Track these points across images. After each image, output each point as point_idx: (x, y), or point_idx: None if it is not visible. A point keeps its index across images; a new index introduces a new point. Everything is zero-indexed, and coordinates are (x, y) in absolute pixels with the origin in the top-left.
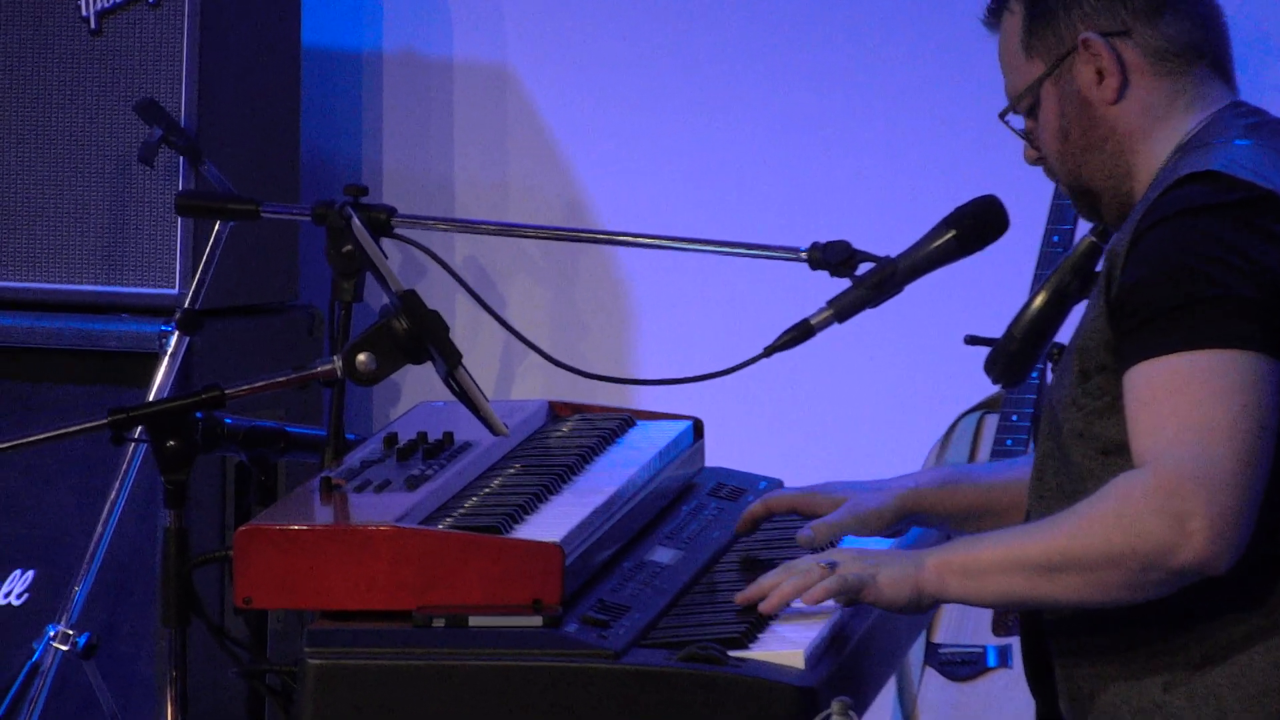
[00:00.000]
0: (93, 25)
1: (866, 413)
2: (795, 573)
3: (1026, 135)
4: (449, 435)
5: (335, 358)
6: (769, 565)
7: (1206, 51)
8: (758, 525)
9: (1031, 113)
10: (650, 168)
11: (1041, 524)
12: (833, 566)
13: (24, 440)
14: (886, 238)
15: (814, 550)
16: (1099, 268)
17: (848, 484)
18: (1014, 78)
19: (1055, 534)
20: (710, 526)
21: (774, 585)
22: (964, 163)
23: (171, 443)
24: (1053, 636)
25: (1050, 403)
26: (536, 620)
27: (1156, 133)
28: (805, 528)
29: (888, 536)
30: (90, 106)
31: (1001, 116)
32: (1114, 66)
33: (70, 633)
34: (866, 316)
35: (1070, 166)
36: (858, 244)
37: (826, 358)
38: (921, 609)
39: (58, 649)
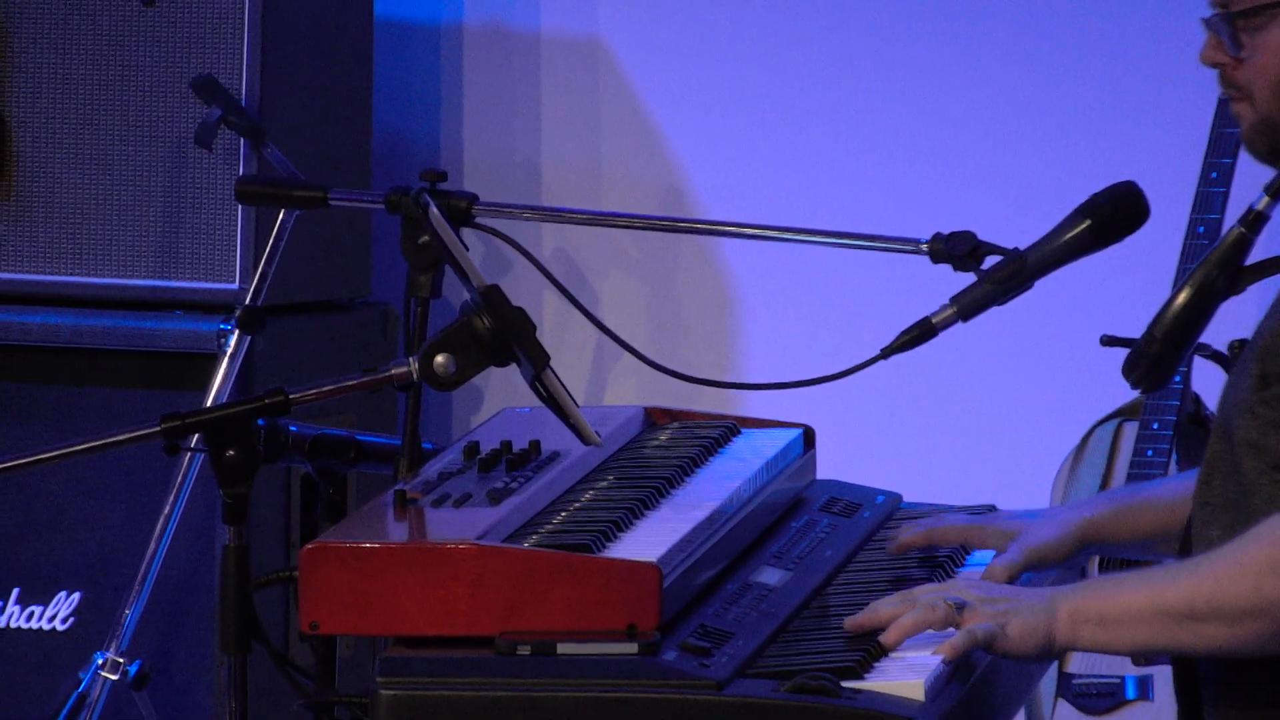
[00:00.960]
0: None
1: (992, 420)
2: (919, 606)
3: (1227, 42)
4: (535, 444)
5: (411, 359)
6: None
7: None
8: (894, 582)
9: (1248, 28)
10: (756, 151)
11: (1184, 566)
12: (960, 607)
13: (69, 449)
14: (1015, 230)
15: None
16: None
17: (1013, 515)
18: None
19: (1200, 580)
20: (822, 545)
21: (892, 615)
22: (1099, 148)
23: (231, 452)
24: (1207, 682)
25: (1224, 401)
26: (632, 647)
27: None
28: (984, 573)
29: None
30: (142, 85)
31: (1215, 24)
32: None
33: (120, 661)
34: (993, 315)
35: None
36: (983, 235)
37: (949, 360)
38: (1051, 658)
39: (106, 678)
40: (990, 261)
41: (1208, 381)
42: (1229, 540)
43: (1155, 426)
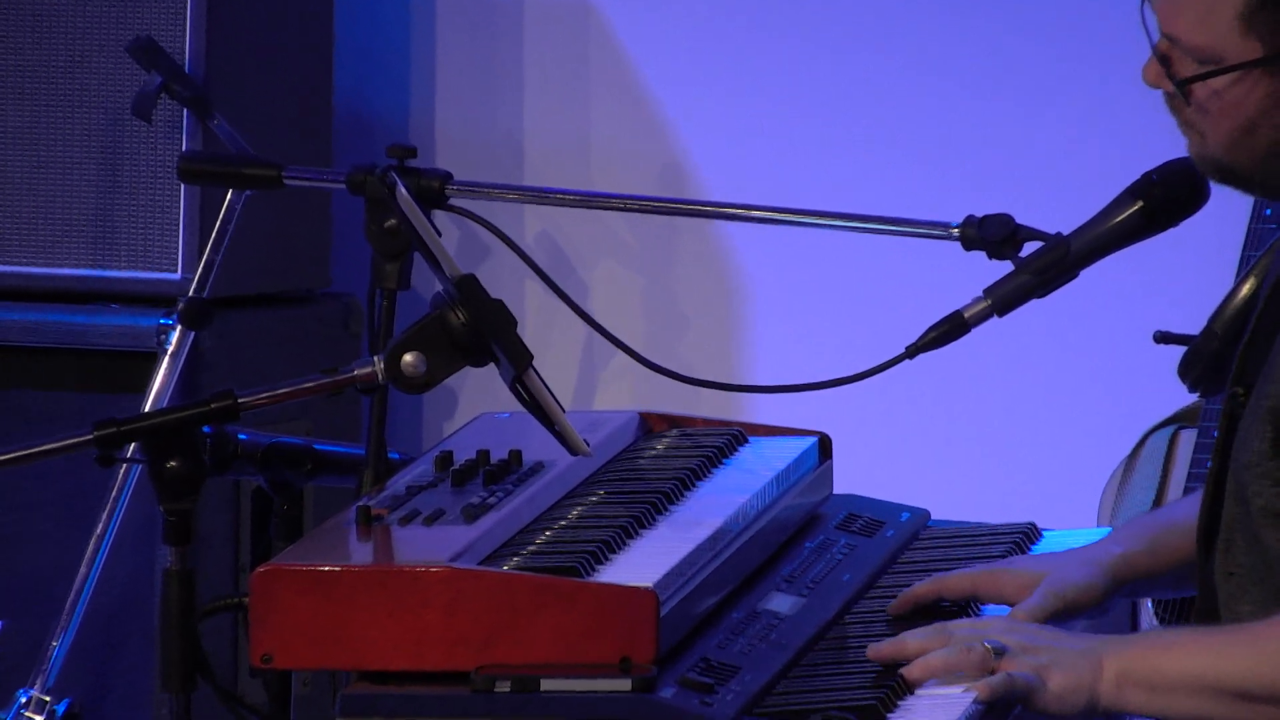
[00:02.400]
0: None
1: (1031, 427)
2: (952, 643)
3: (1171, 70)
4: (516, 455)
5: (376, 359)
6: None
7: None
8: (918, 610)
9: (1206, 75)
10: (765, 125)
11: (1239, 639)
12: (999, 652)
13: None
14: (1055, 215)
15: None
16: None
17: (1034, 558)
18: (1208, 34)
19: (1257, 659)
20: (840, 567)
21: (921, 649)
22: (1150, 122)
23: (173, 463)
24: None
25: (1235, 464)
26: (625, 683)
27: None
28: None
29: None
30: (71, 48)
31: (1161, 60)
32: None
33: (47, 700)
34: (1032, 309)
35: (1235, 155)
36: (1021, 219)
37: (982, 359)
38: (1093, 718)
39: (30, 719)
40: (1030, 248)
41: None
42: (1263, 615)
43: (1215, 435)
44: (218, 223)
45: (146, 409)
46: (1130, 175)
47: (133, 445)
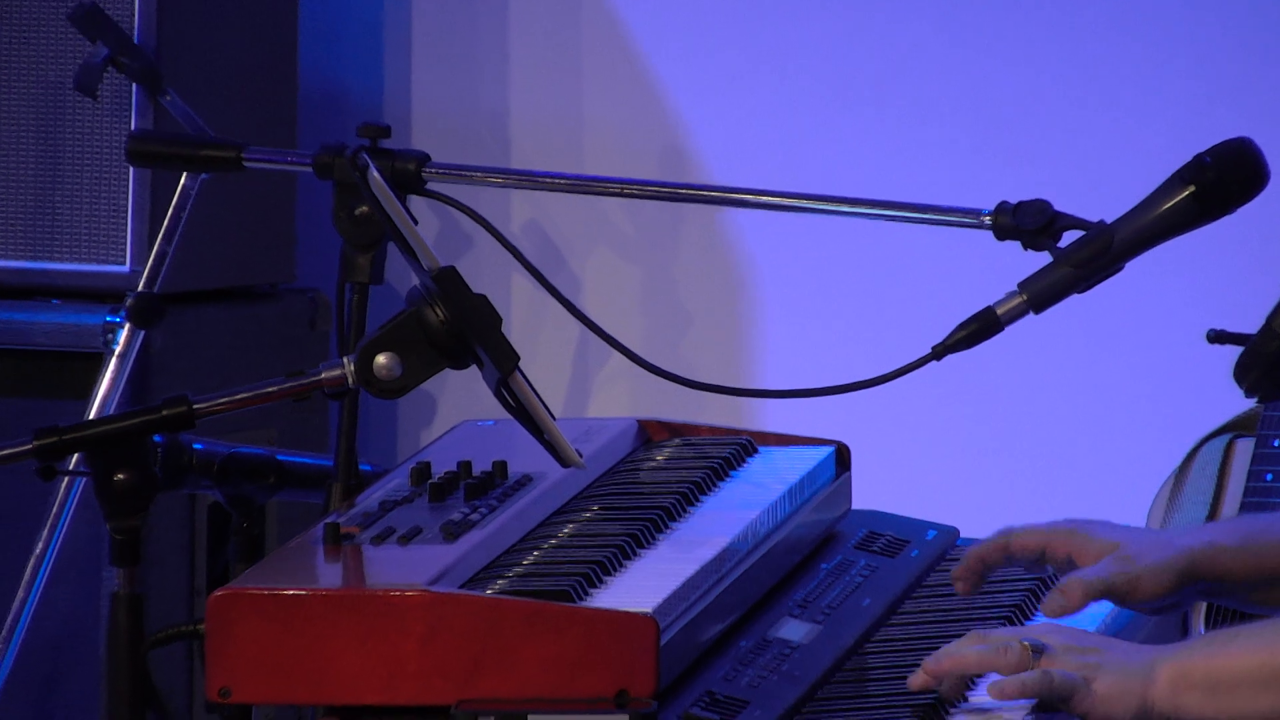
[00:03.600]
0: None
1: (1071, 435)
2: (986, 642)
3: None
4: (501, 466)
5: (346, 360)
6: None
7: None
8: (986, 575)
9: None
10: (773, 103)
11: None
12: (1039, 651)
13: None
14: (1097, 200)
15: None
16: None
17: (1112, 526)
18: None
19: None
20: (859, 592)
21: (958, 653)
22: (1199, 100)
23: (121, 476)
24: None
25: None
26: (621, 719)
27: None
28: (1054, 590)
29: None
30: (9, 16)
31: None
32: None
33: None
34: (1071, 305)
35: None
36: (1060, 206)
37: (1016, 361)
38: None
39: None
40: (1069, 238)
41: None
42: None
43: (1276, 444)
44: (170, 210)
45: (92, 416)
46: (1180, 158)
47: (76, 456)
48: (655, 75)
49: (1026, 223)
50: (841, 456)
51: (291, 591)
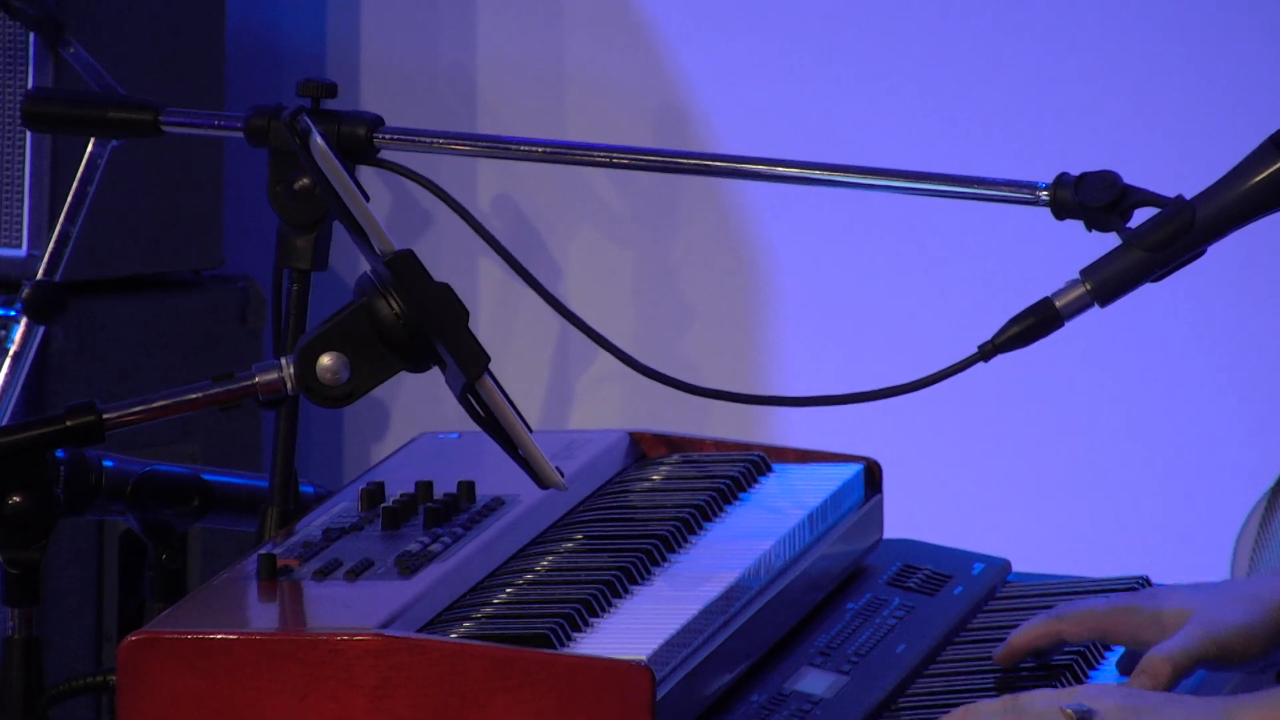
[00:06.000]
0: None
1: (1140, 453)
2: (1021, 715)
3: None
4: (467, 487)
5: (284, 361)
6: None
7: None
8: (1035, 657)
9: None
10: (789, 56)
11: None
12: (1084, 716)
13: None
14: (1172, 174)
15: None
16: None
17: (1176, 590)
18: None
19: None
20: (892, 636)
21: None
22: None
23: (15, 499)
24: None
25: None
26: None
27: None
28: (1136, 672)
29: None
30: None
31: None
32: None
33: None
34: (1142, 297)
35: None
36: (1129, 179)
37: (1077, 363)
38: None
39: None
40: (1141, 216)
41: None
42: None
43: None
44: (75, 183)
45: None
46: (1269, 126)
47: None
48: (649, 20)
49: (1091, 198)
50: (872, 476)
51: (219, 636)
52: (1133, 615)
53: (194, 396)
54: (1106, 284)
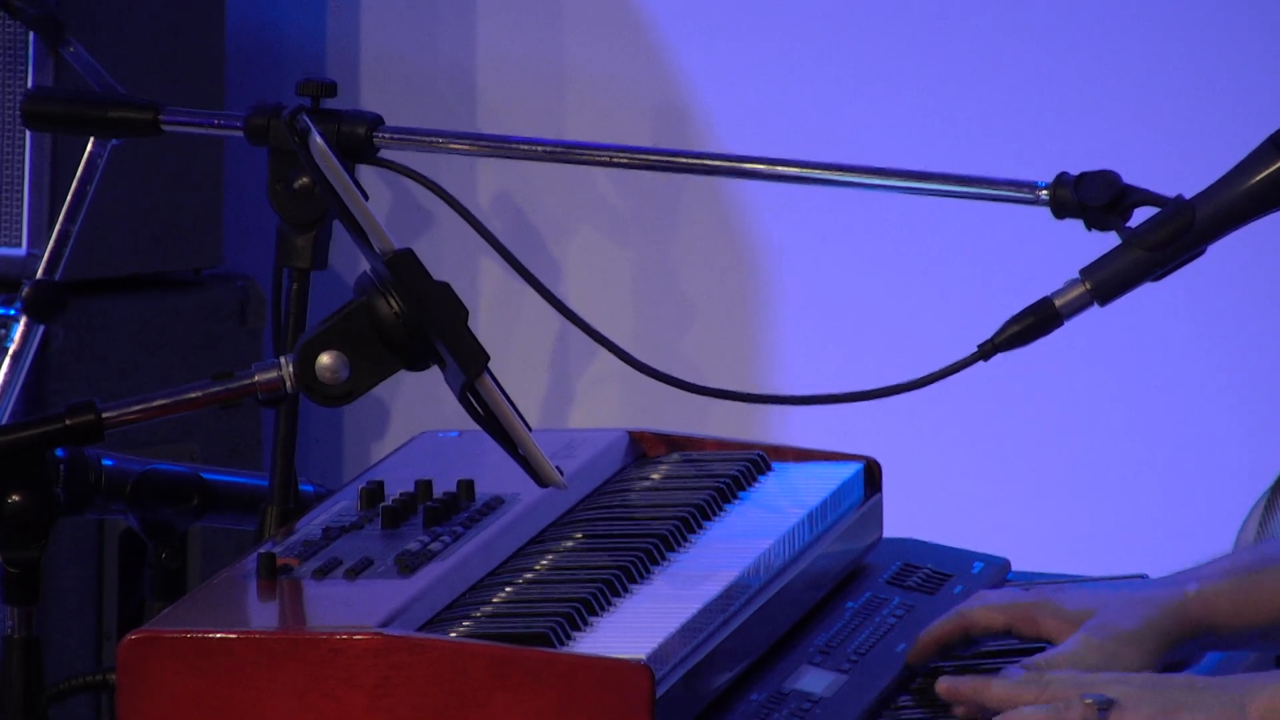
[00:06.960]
0: None
1: (1141, 449)
2: (1046, 699)
3: None
4: (467, 486)
5: (283, 360)
6: None
7: None
8: (944, 654)
9: None
10: (790, 56)
11: None
12: (1105, 708)
13: None
14: (1171, 174)
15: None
16: None
17: (1083, 590)
18: None
19: None
20: (892, 636)
21: (1006, 700)
22: None
23: (15, 498)
24: None
25: None
26: None
27: None
28: (1015, 667)
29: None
30: None
31: None
32: None
33: None
34: (1143, 297)
35: None
36: (1129, 179)
37: (1076, 361)
38: None
39: None
40: (1141, 216)
41: None
42: None
43: None
44: (74, 182)
45: None
46: (1269, 126)
47: None
48: (649, 20)
49: (1091, 198)
50: (871, 475)
51: (218, 635)
52: (1036, 611)
53: (194, 395)
54: (1106, 283)
